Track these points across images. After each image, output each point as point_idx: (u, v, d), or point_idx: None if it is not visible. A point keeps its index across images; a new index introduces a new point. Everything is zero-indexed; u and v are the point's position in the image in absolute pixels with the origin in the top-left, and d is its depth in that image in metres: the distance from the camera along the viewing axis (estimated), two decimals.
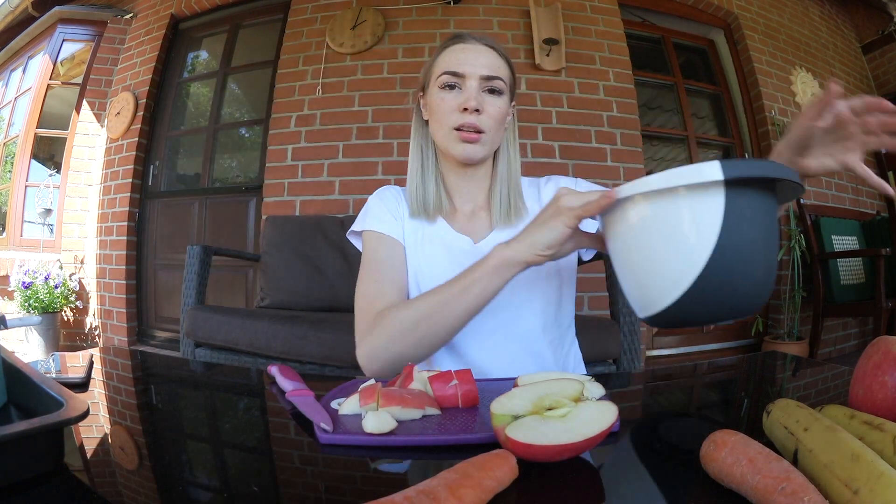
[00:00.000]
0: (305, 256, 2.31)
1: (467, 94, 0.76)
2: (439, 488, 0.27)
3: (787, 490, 0.26)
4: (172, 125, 3.34)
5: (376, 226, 0.82)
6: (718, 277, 0.46)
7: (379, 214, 0.83)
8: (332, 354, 1.62)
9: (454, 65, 0.78)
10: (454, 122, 0.77)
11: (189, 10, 3.29)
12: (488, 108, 0.77)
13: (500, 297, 0.74)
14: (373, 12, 2.78)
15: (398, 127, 2.66)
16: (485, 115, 0.77)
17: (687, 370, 0.61)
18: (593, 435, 0.34)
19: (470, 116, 0.76)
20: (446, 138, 0.79)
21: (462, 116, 0.76)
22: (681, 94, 3.19)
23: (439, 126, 0.79)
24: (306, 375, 0.59)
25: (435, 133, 0.81)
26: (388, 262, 0.80)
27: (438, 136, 0.80)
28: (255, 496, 0.33)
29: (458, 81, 0.78)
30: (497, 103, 0.78)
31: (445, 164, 0.84)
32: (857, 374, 0.41)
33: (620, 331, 1.74)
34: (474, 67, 0.77)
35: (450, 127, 0.77)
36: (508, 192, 0.83)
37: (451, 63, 0.78)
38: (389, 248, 0.81)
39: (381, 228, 0.82)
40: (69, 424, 0.34)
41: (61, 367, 0.65)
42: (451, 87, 0.78)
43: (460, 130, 0.77)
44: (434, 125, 0.81)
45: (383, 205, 0.84)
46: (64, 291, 3.13)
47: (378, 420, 0.41)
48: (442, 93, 0.78)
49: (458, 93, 0.78)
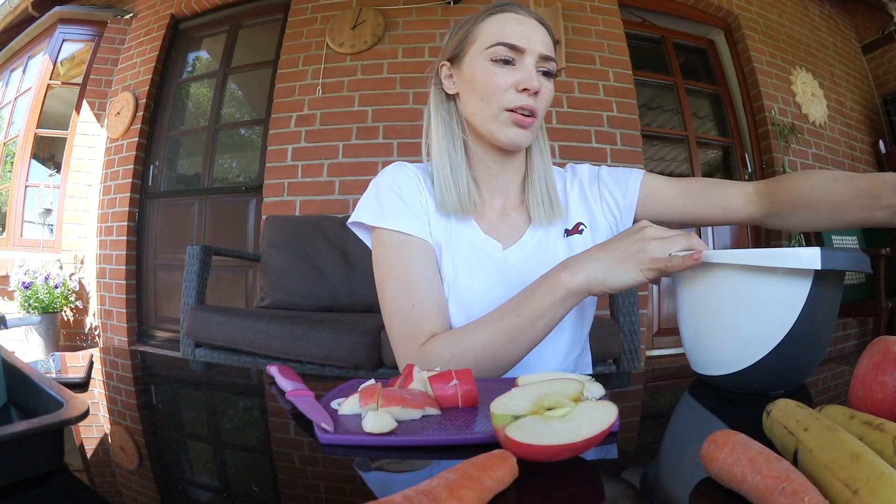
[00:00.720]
0: (305, 256, 2.31)
1: (528, 73, 0.67)
2: (439, 488, 0.27)
3: (787, 490, 0.26)
4: (172, 125, 3.34)
5: (399, 225, 0.69)
6: (787, 355, 0.49)
7: (399, 209, 0.70)
8: (331, 354, 1.63)
9: (512, 36, 0.67)
10: (508, 103, 0.67)
11: (189, 10, 3.29)
12: (544, 90, 0.68)
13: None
14: (373, 12, 2.78)
15: (398, 127, 2.66)
16: (540, 99, 0.68)
17: (687, 370, 0.61)
18: (593, 435, 0.34)
19: (529, 98, 0.67)
20: (493, 120, 0.68)
21: (519, 97, 0.67)
22: (681, 94, 3.19)
23: (485, 104, 0.68)
24: (306, 375, 0.59)
25: (476, 112, 0.70)
26: (422, 273, 0.69)
27: (481, 115, 0.69)
28: (255, 496, 0.33)
29: (514, 56, 0.67)
30: (550, 87, 0.70)
31: (479, 149, 0.73)
32: (857, 374, 0.41)
33: (620, 331, 1.75)
34: (534, 44, 0.68)
35: (501, 107, 0.67)
36: (546, 186, 0.74)
37: (509, 34, 0.68)
38: (420, 255, 0.69)
39: (406, 229, 0.69)
40: (69, 424, 0.34)
41: (61, 367, 0.65)
42: (505, 61, 0.67)
43: (513, 112, 0.67)
44: (476, 102, 0.69)
45: (402, 196, 0.72)
46: (64, 291, 3.13)
47: (378, 420, 0.40)
48: (494, 66, 0.67)
49: (513, 70, 0.67)
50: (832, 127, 3.41)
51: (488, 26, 0.69)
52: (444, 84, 0.74)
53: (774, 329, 0.49)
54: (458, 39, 0.72)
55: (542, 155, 0.76)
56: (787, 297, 0.48)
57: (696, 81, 3.30)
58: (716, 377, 0.55)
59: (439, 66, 0.75)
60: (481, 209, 0.75)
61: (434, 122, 0.74)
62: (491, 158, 0.73)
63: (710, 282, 0.53)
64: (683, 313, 0.59)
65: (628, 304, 1.78)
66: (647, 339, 2.84)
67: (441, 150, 0.72)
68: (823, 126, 3.35)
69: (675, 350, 2.90)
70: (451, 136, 0.73)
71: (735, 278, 0.51)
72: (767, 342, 0.49)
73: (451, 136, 0.73)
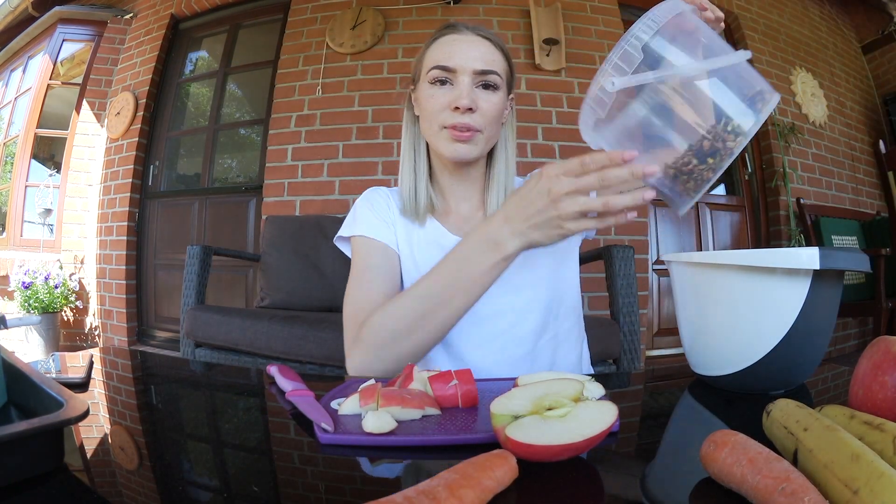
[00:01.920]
0: (305, 256, 2.31)
1: (459, 91, 0.70)
2: (439, 488, 0.27)
3: (787, 490, 0.26)
4: (172, 125, 3.34)
5: (367, 231, 0.77)
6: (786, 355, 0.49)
7: (368, 219, 0.78)
8: (331, 354, 1.62)
9: (444, 58, 0.72)
10: (444, 121, 0.71)
11: (189, 10, 3.30)
12: (482, 104, 0.71)
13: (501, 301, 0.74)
14: (373, 12, 2.78)
15: (398, 127, 2.62)
16: (478, 114, 0.71)
17: (687, 370, 0.61)
18: (593, 435, 0.34)
19: (462, 116, 0.70)
20: (436, 137, 0.74)
21: (453, 115, 0.71)
22: None
23: (429, 124, 0.74)
24: (306, 375, 0.59)
25: (424, 131, 0.77)
26: (380, 268, 0.76)
27: (429, 134, 0.75)
28: (255, 496, 0.33)
29: (448, 76, 0.72)
30: (492, 99, 0.72)
31: (438, 162, 0.80)
32: (857, 374, 0.41)
33: (620, 331, 1.75)
34: (466, 61, 0.71)
35: (440, 125, 0.72)
36: (507, 192, 0.77)
37: (441, 56, 0.72)
38: (381, 255, 0.77)
39: (373, 234, 0.77)
40: (69, 424, 0.34)
41: (61, 367, 0.65)
42: (441, 82, 0.72)
43: (451, 129, 0.71)
44: (423, 123, 0.76)
45: (372, 209, 0.80)
46: (64, 291, 3.13)
47: (378, 420, 0.41)
48: (432, 89, 0.72)
49: (449, 89, 0.72)
50: (832, 127, 3.41)
51: (431, 51, 0.75)
52: (414, 107, 0.80)
53: (774, 329, 0.49)
54: (414, 66, 0.79)
55: (506, 163, 0.80)
56: (787, 297, 0.48)
57: None
58: (716, 377, 0.55)
59: (409, 91, 0.82)
60: (446, 214, 0.81)
61: (403, 140, 0.81)
62: (449, 171, 0.79)
63: (710, 282, 0.53)
64: (683, 313, 0.59)
65: (628, 304, 1.78)
66: (647, 339, 2.84)
67: (406, 163, 0.80)
68: (823, 126, 3.35)
69: (675, 350, 2.90)
70: (417, 152, 0.80)
71: (734, 278, 0.51)
72: (767, 342, 0.49)
73: (415, 153, 0.80)
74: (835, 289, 0.51)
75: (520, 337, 0.76)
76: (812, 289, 0.47)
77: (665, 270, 2.89)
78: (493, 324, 0.75)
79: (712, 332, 0.54)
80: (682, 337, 0.60)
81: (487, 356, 0.74)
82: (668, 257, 0.60)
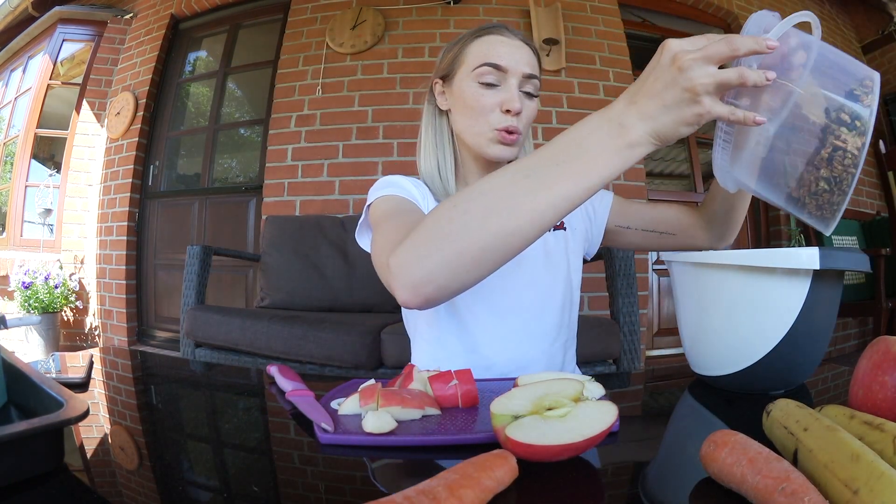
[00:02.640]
0: (305, 256, 2.31)
1: (511, 95, 0.71)
2: (439, 488, 0.27)
3: (787, 490, 0.26)
4: (172, 125, 3.34)
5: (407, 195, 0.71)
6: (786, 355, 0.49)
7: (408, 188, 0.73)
8: (331, 354, 1.62)
9: (496, 57, 0.72)
10: (495, 123, 0.71)
11: (189, 10, 3.29)
12: (525, 110, 0.73)
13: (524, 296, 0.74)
14: (373, 12, 2.78)
15: (398, 127, 2.66)
16: (522, 117, 0.73)
17: (687, 370, 0.61)
18: (593, 435, 0.34)
19: (512, 119, 0.71)
20: (482, 137, 0.73)
21: (503, 118, 0.71)
22: None
23: (474, 123, 0.73)
24: (306, 375, 0.59)
25: (466, 129, 0.75)
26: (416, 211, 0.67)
27: (470, 132, 0.74)
28: (255, 496, 0.33)
29: (498, 76, 0.72)
30: (532, 106, 0.74)
31: (468, 160, 0.79)
32: (857, 374, 0.41)
33: (620, 331, 1.75)
34: (517, 63, 0.72)
35: (490, 127, 0.72)
36: None
37: (493, 55, 0.72)
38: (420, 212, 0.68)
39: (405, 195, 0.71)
40: (69, 424, 0.34)
41: (61, 367, 0.65)
42: (490, 83, 0.72)
43: (498, 131, 0.72)
44: (466, 120, 0.74)
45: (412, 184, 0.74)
46: (64, 291, 3.13)
47: (378, 420, 0.41)
48: (481, 88, 0.72)
49: (498, 91, 0.72)
50: None
51: (476, 47, 0.74)
52: (437, 100, 0.79)
53: (774, 329, 0.49)
54: (450, 59, 0.77)
55: None
56: (787, 297, 0.48)
57: None
58: (716, 377, 0.55)
59: (433, 83, 0.80)
60: None
61: (426, 136, 0.79)
62: (478, 170, 0.79)
63: (710, 282, 0.53)
64: (683, 313, 0.59)
65: (628, 304, 1.78)
66: (647, 339, 2.84)
67: (429, 158, 0.78)
68: None
69: (675, 350, 2.90)
70: (443, 147, 0.78)
71: (734, 278, 0.51)
72: (767, 342, 0.49)
73: (442, 148, 0.78)
74: (835, 289, 0.51)
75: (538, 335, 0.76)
76: (812, 289, 0.47)
77: (665, 270, 2.89)
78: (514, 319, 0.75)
79: (712, 332, 0.54)
80: (682, 337, 0.60)
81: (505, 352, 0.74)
82: (668, 257, 0.60)
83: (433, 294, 0.49)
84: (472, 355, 0.74)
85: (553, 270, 0.78)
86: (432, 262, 0.48)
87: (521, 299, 0.75)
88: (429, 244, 0.48)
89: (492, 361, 0.73)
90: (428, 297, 0.49)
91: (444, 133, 0.79)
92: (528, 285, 0.75)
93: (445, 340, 0.75)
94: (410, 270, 0.49)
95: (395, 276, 0.49)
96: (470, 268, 0.48)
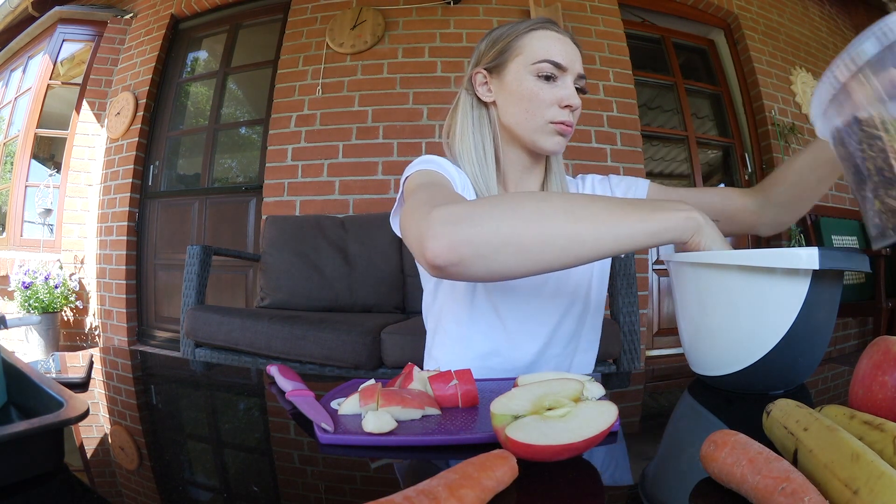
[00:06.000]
0: (305, 256, 2.31)
1: (570, 91, 0.73)
2: (439, 488, 0.27)
3: (787, 490, 0.26)
4: (172, 125, 3.34)
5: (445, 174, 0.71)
6: (786, 355, 0.49)
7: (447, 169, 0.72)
8: (331, 354, 1.62)
9: (558, 55, 0.73)
10: (553, 117, 0.73)
11: (189, 10, 3.30)
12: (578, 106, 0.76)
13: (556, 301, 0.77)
14: (373, 12, 2.78)
15: (398, 127, 2.66)
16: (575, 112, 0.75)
17: (687, 370, 0.61)
18: (593, 435, 0.34)
19: (570, 114, 0.74)
20: (539, 130, 0.74)
21: (561, 112, 0.73)
22: (681, 94, 3.19)
23: (530, 115, 0.74)
24: (306, 375, 0.59)
25: (520, 121, 0.75)
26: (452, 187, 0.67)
27: (525, 125, 0.74)
28: (255, 496, 0.33)
29: (557, 73, 0.73)
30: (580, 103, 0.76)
31: (511, 152, 0.79)
32: (857, 374, 0.41)
33: (620, 331, 1.75)
34: (574, 62, 0.74)
35: (546, 120, 0.73)
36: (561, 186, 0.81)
37: (554, 52, 0.73)
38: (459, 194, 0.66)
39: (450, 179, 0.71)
40: (69, 424, 0.34)
41: (61, 367, 0.65)
42: (548, 77, 0.73)
43: (556, 124, 0.73)
44: (521, 113, 0.74)
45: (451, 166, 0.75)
46: (64, 291, 3.13)
47: (378, 420, 0.41)
48: (539, 81, 0.73)
49: (555, 86, 0.73)
50: None
51: (533, 41, 0.74)
52: (477, 90, 0.78)
53: (773, 329, 0.49)
54: (499, 50, 0.76)
55: (557, 160, 0.83)
56: (786, 297, 0.48)
57: (696, 81, 3.30)
58: (715, 377, 0.55)
59: (474, 73, 0.79)
60: None
61: (463, 125, 0.79)
62: (521, 162, 0.79)
63: (710, 282, 0.53)
64: (683, 313, 0.59)
65: (628, 304, 1.78)
66: (647, 339, 2.84)
67: (471, 151, 0.77)
68: None
69: (675, 350, 2.90)
70: (482, 139, 0.77)
71: (734, 278, 0.51)
72: (767, 342, 0.49)
73: (482, 140, 0.77)
74: (835, 289, 0.51)
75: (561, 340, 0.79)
76: (812, 289, 0.47)
77: (665, 270, 2.89)
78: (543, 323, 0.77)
79: (712, 332, 0.54)
80: (682, 337, 0.60)
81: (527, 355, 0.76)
82: (668, 257, 0.60)
83: (468, 257, 0.47)
84: (496, 358, 0.75)
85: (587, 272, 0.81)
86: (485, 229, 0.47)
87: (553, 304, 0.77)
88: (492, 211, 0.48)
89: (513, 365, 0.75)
90: (462, 257, 0.47)
91: (483, 123, 0.78)
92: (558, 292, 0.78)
93: (472, 339, 0.76)
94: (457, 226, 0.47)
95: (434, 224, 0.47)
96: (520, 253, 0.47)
